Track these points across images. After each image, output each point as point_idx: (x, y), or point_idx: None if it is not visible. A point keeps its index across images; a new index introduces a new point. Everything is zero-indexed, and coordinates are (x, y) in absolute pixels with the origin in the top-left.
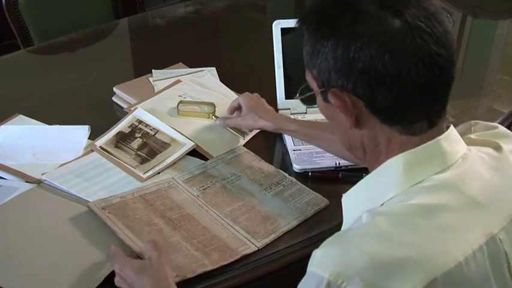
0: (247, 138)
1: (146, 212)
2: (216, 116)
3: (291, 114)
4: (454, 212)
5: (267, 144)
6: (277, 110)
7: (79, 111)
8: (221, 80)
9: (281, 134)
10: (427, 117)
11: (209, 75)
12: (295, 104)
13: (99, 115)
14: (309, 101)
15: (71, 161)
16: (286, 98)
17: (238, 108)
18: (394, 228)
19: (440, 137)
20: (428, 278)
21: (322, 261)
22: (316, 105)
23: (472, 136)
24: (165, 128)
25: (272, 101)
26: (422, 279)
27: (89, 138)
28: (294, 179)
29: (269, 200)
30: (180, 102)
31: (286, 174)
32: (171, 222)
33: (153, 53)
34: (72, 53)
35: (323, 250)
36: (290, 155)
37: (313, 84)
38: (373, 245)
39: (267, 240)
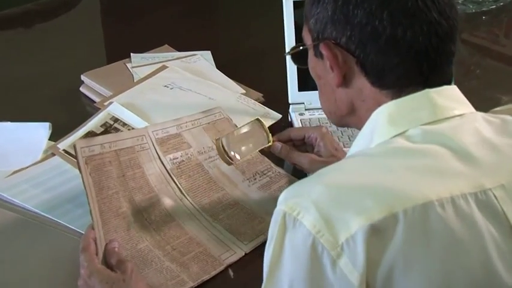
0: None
1: (117, 185)
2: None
3: (306, 109)
4: (434, 158)
5: None
6: (288, 104)
7: (37, 104)
8: (218, 67)
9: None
10: (423, 88)
11: (203, 60)
12: (311, 97)
13: (63, 110)
14: (299, 60)
15: (27, 168)
16: (300, 90)
17: (302, 139)
18: (360, 165)
19: (430, 89)
20: (387, 212)
21: (282, 197)
22: (306, 66)
23: (498, 109)
24: None
25: (282, 93)
26: (380, 212)
27: (49, 139)
28: (282, 170)
29: (254, 194)
30: (219, 141)
31: (273, 164)
32: (140, 215)
33: (132, 32)
34: (27, 30)
35: (287, 189)
36: None
37: (307, 38)
38: (333, 177)
39: (256, 243)
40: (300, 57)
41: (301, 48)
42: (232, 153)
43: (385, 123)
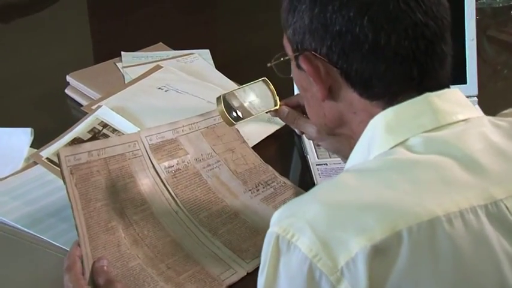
0: (254, 142)
1: (106, 196)
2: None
3: None
4: (438, 169)
5: (281, 154)
6: None
7: (17, 108)
8: (217, 67)
9: (299, 140)
10: (418, 94)
11: (201, 60)
12: None
13: (46, 114)
14: (284, 70)
15: (6, 178)
16: None
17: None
18: (358, 181)
19: (431, 93)
20: (389, 230)
21: (275, 217)
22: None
23: (507, 111)
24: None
25: (288, 96)
26: (382, 231)
27: (31, 146)
28: (287, 181)
29: (257, 207)
30: (221, 98)
31: (277, 173)
32: (132, 229)
33: (123, 28)
34: (6, 26)
35: (280, 208)
36: (313, 171)
37: (288, 48)
38: (329, 194)
39: (259, 262)
40: (284, 67)
41: (282, 59)
42: (235, 113)
43: (383, 132)
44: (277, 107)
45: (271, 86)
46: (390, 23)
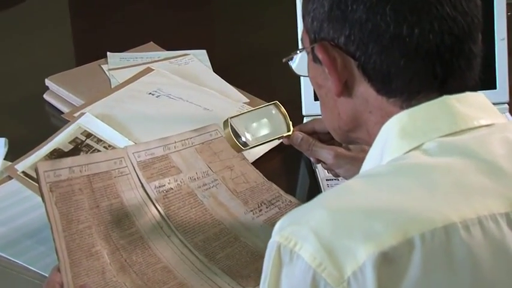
0: (255, 156)
1: (90, 218)
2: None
3: None
4: (455, 173)
5: (286, 169)
6: (302, 116)
7: None
8: (215, 69)
9: (305, 155)
10: (440, 95)
11: (196, 61)
12: None
13: (22, 122)
14: (300, 68)
15: None
16: (316, 99)
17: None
18: (366, 186)
19: (450, 96)
20: (400, 236)
21: (277, 226)
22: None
23: None
24: (127, 145)
25: (294, 103)
26: (393, 237)
27: (5, 158)
28: (294, 199)
29: (259, 229)
30: (228, 122)
31: (282, 191)
32: (118, 255)
33: (109, 26)
34: None
35: (283, 217)
36: (322, 187)
37: (305, 40)
38: (335, 200)
39: None
40: (300, 65)
41: (298, 52)
42: (244, 137)
43: (397, 137)
44: (290, 133)
45: (283, 110)
46: (414, 13)
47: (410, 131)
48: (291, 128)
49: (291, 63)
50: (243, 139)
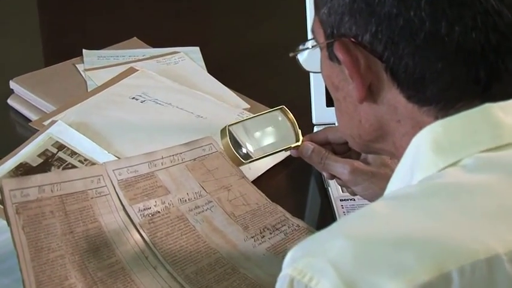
0: (257, 172)
1: (63, 245)
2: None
3: None
4: (498, 196)
5: (294, 188)
6: (312, 125)
7: None
8: (209, 70)
9: (316, 170)
10: (481, 102)
11: (188, 60)
12: None
13: None
14: (311, 63)
15: None
16: (329, 105)
17: (345, 143)
18: (393, 210)
19: (492, 104)
20: (435, 271)
21: (290, 256)
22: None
23: None
24: (107, 159)
25: (303, 109)
26: (425, 271)
27: None
28: (302, 223)
29: (261, 258)
30: (226, 130)
31: (288, 214)
32: None
33: (84, 19)
34: None
35: (296, 246)
36: (336, 208)
37: (318, 34)
38: (357, 227)
39: None
40: (311, 59)
41: (311, 47)
42: (245, 148)
43: (429, 152)
44: (299, 143)
45: (291, 116)
46: (455, 8)
47: (446, 144)
48: (300, 138)
49: (299, 56)
50: (244, 150)
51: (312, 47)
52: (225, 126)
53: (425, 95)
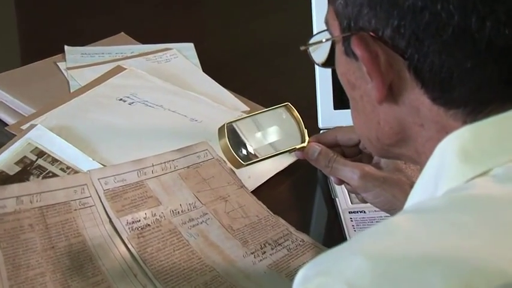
0: (258, 182)
1: (43, 262)
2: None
3: None
4: None
5: (298, 199)
6: (319, 129)
7: None
8: (204, 69)
9: (324, 177)
10: None
11: (181, 58)
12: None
13: None
14: (322, 57)
15: None
16: (336, 108)
17: (356, 145)
18: (416, 225)
19: None
20: None
21: (301, 275)
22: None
23: None
24: (92, 167)
25: (308, 112)
26: None
27: None
28: (307, 237)
29: (262, 276)
30: (224, 129)
31: (292, 228)
32: None
33: (66, 13)
34: None
35: (308, 263)
36: (344, 221)
37: (333, 26)
38: (376, 244)
39: None
40: (324, 53)
41: (324, 41)
42: (244, 150)
43: (456, 160)
44: (304, 144)
45: (297, 114)
46: (486, 1)
47: (475, 152)
48: (306, 138)
49: (310, 51)
50: (244, 151)
51: (326, 40)
52: (224, 125)
53: (452, 96)
